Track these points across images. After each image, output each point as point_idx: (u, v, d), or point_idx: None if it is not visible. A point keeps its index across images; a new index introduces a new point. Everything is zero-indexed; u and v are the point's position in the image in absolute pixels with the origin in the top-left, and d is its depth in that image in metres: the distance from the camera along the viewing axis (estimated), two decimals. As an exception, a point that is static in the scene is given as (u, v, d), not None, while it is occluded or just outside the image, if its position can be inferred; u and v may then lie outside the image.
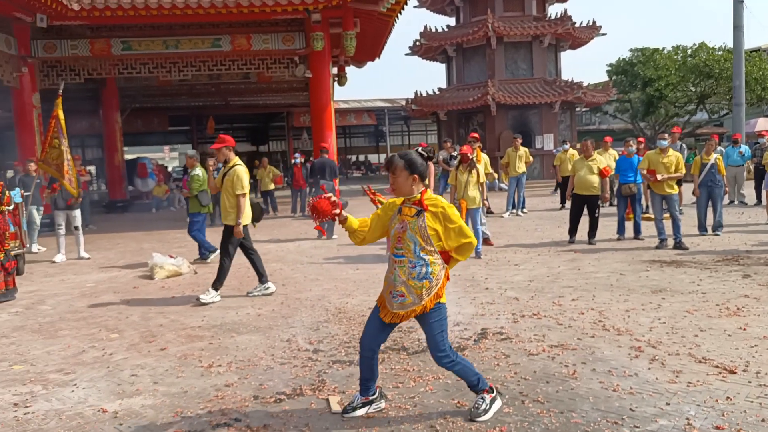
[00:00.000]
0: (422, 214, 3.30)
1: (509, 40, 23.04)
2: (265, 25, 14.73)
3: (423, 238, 3.29)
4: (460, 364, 3.43)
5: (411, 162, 3.32)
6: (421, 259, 3.29)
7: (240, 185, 6.44)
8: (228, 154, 6.54)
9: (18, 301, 6.95)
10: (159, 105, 27.42)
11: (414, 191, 3.35)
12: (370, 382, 3.52)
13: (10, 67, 13.48)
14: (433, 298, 3.32)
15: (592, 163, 9.19)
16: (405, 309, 3.35)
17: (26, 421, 3.62)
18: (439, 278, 3.32)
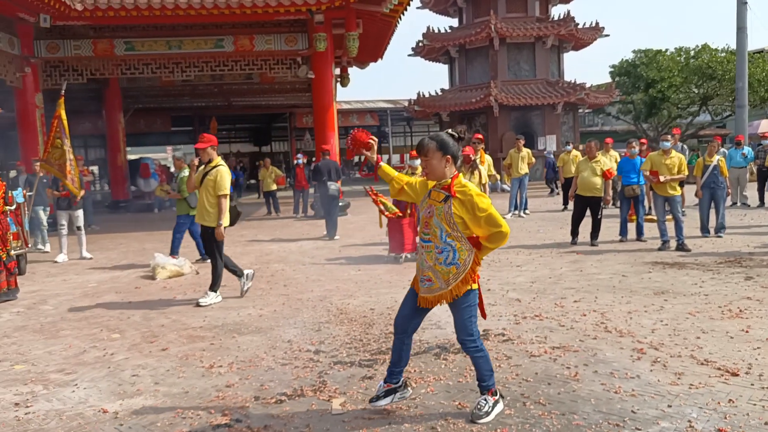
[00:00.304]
0: (449, 201, 3.26)
1: (512, 41, 23.03)
2: (268, 25, 14.74)
3: (449, 224, 3.25)
4: (483, 354, 3.42)
5: (443, 142, 3.29)
6: (448, 244, 3.26)
7: (223, 186, 6.37)
8: (212, 153, 6.47)
9: (20, 300, 6.96)
10: (162, 105, 27.46)
11: (447, 174, 3.31)
12: (397, 368, 3.50)
13: (13, 67, 13.50)
14: (460, 284, 3.29)
15: (595, 164, 9.17)
16: (432, 293, 3.35)
17: (27, 421, 3.62)
18: (466, 264, 3.27)
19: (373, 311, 5.88)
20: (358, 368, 4.30)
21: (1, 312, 6.45)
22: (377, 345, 4.82)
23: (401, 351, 3.50)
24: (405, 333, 3.50)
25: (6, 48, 13.06)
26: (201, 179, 6.46)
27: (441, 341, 4.85)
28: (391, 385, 3.50)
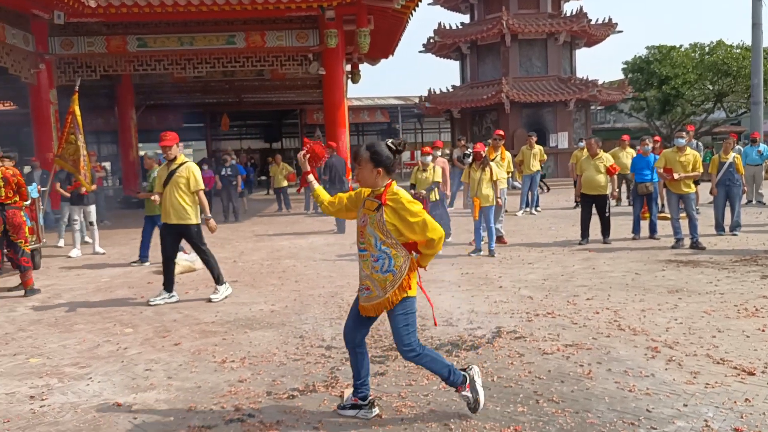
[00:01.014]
0: (381, 209, 3.24)
1: (524, 37, 22.90)
2: (279, 22, 14.75)
3: (383, 232, 3.24)
4: (427, 356, 3.35)
5: (376, 154, 3.27)
6: (383, 252, 3.25)
7: (199, 181, 6.36)
8: (177, 150, 6.41)
9: (34, 295, 7.01)
10: (173, 102, 27.55)
11: (378, 184, 3.30)
12: (357, 381, 3.48)
13: (27, 64, 13.61)
14: (397, 291, 3.26)
15: (598, 162, 9.09)
16: (370, 302, 3.34)
17: (42, 414, 3.65)
18: (402, 271, 3.26)
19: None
20: (371, 364, 4.29)
21: (17, 306, 6.51)
22: (389, 341, 4.80)
23: (357, 363, 3.48)
24: (354, 344, 3.48)
25: (21, 45, 13.16)
26: (167, 178, 6.33)
27: (452, 338, 4.83)
28: (357, 399, 3.47)
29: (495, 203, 8.65)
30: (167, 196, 6.32)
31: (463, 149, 13.95)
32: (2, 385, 4.14)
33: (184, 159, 6.46)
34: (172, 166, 6.35)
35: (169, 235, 6.44)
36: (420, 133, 39.21)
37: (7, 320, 5.92)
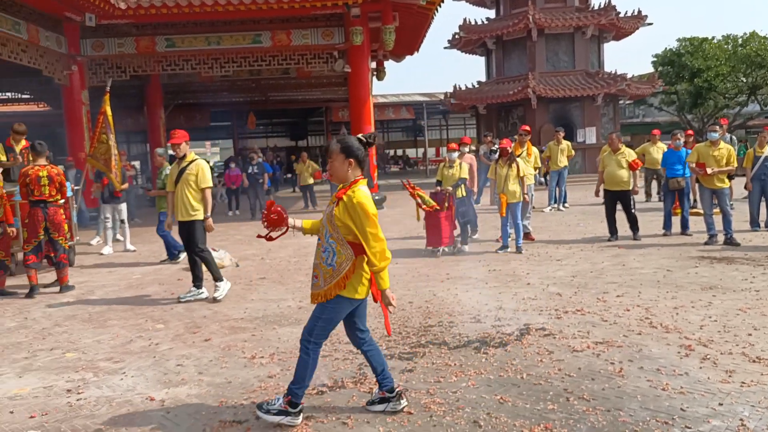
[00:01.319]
0: (336, 203, 3.27)
1: (550, 31, 22.61)
2: (305, 20, 14.81)
3: (332, 224, 3.27)
4: (305, 358, 3.32)
5: (347, 146, 3.27)
6: (329, 245, 3.28)
7: (207, 178, 6.39)
8: (186, 148, 6.44)
9: (69, 291, 7.17)
10: (201, 101, 27.90)
11: (349, 176, 3.29)
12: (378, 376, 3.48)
13: (60, 66, 13.91)
14: (333, 287, 3.26)
15: (620, 157, 8.92)
16: (315, 290, 3.38)
17: (79, 407, 3.74)
18: (342, 269, 3.24)
19: (411, 304, 5.87)
20: (398, 361, 4.31)
21: (53, 302, 6.67)
22: (416, 338, 4.81)
23: (369, 361, 3.52)
24: (358, 346, 3.55)
25: (54, 47, 13.46)
26: (178, 176, 6.38)
27: (480, 335, 4.81)
28: (384, 393, 3.47)
29: (522, 199, 8.57)
30: (178, 194, 6.37)
31: (490, 145, 13.86)
32: (40, 379, 4.25)
33: (194, 156, 6.49)
34: (182, 164, 6.39)
35: (182, 231, 6.48)
36: (445, 130, 39.09)
37: (43, 316, 6.07)
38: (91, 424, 3.47)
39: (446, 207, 8.53)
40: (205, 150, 52.22)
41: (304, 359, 3.33)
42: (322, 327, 3.34)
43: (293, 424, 3.31)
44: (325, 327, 3.35)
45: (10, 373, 4.40)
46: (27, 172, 7.00)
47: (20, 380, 4.25)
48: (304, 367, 3.33)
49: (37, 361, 4.65)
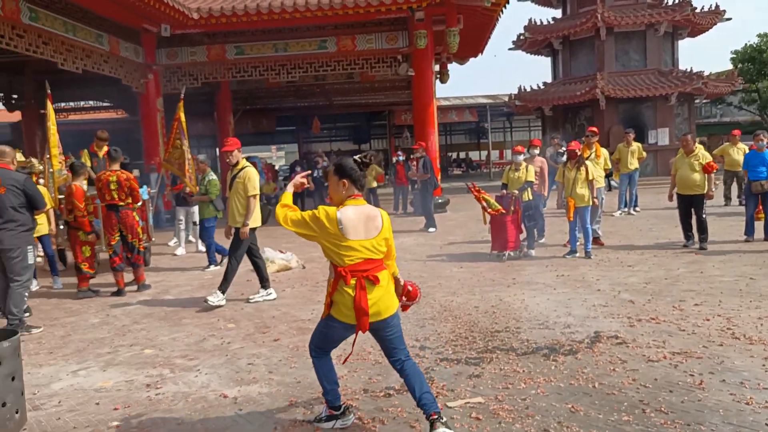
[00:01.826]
0: None
1: (620, 30, 21.89)
2: (369, 25, 14.96)
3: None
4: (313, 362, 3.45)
5: (339, 167, 3.25)
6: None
7: (252, 186, 6.41)
8: (238, 155, 6.52)
9: (146, 290, 7.51)
10: (267, 106, 28.61)
11: (343, 196, 3.25)
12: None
13: (138, 75, 14.61)
14: (326, 304, 3.29)
15: (693, 159, 8.48)
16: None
17: (158, 401, 3.91)
18: (328, 287, 3.27)
19: (478, 309, 5.81)
20: (465, 366, 4.27)
21: (131, 300, 7.01)
22: (483, 343, 4.76)
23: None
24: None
25: (132, 57, 14.15)
26: (230, 182, 6.48)
27: (549, 342, 4.71)
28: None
29: (591, 203, 8.34)
30: (230, 200, 6.48)
31: (557, 148, 13.55)
32: (122, 373, 4.47)
33: (245, 164, 6.56)
34: (234, 171, 6.50)
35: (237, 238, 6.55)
36: (509, 132, 38.50)
37: (123, 313, 6.38)
38: (170, 419, 3.62)
39: (512, 210, 8.41)
40: (271, 154, 53.53)
41: (314, 366, 3.44)
42: (318, 337, 3.39)
43: (346, 425, 3.38)
44: (319, 338, 3.38)
45: (95, 367, 4.65)
46: (100, 177, 7.37)
47: (104, 374, 4.48)
48: (317, 374, 3.42)
49: (119, 356, 4.89)
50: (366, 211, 3.21)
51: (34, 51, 10.81)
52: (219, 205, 8.81)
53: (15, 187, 5.67)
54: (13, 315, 5.64)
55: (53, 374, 4.52)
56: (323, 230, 3.14)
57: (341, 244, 3.14)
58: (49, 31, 10.97)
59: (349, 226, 3.13)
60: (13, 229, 5.65)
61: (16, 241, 5.69)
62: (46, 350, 5.15)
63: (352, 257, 3.14)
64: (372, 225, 3.20)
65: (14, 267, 5.68)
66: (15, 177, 5.78)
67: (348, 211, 3.17)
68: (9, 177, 5.69)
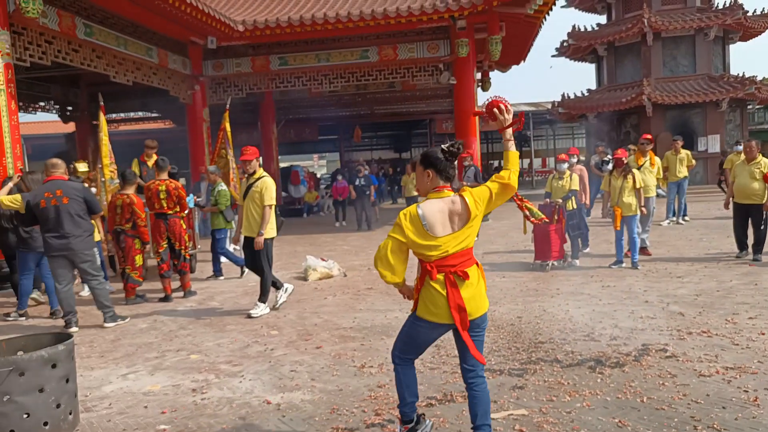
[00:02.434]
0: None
1: (668, 35, 21.36)
2: (411, 34, 15.01)
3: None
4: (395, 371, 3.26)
5: (425, 156, 3.13)
6: None
7: (270, 196, 6.38)
8: (256, 165, 6.51)
9: (192, 296, 7.68)
10: (310, 116, 28.98)
11: (428, 187, 3.11)
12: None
13: (185, 86, 15.02)
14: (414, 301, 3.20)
15: (754, 167, 8.15)
16: None
17: (203, 406, 3.98)
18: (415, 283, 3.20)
19: (521, 320, 5.74)
20: (508, 377, 4.22)
21: (178, 306, 7.18)
22: (526, 354, 4.69)
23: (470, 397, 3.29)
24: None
25: (180, 69, 14.56)
26: (246, 191, 6.47)
27: (595, 354, 4.61)
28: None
29: (638, 212, 8.14)
30: (245, 210, 6.44)
31: (602, 155, 13.29)
32: (169, 377, 4.58)
33: (262, 173, 6.57)
34: (250, 180, 6.49)
35: (248, 248, 6.53)
36: (552, 140, 38.00)
37: (170, 319, 6.54)
38: (215, 423, 3.68)
39: (556, 220, 8.28)
40: (313, 162, 54.15)
41: (395, 374, 3.27)
42: (402, 340, 3.23)
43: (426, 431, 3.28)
44: (404, 341, 3.22)
45: (143, 371, 4.77)
46: (149, 187, 7.59)
47: (152, 378, 4.60)
48: (397, 384, 3.25)
49: (166, 361, 5.01)
50: (450, 203, 3.04)
51: (89, 64, 11.24)
52: (229, 215, 8.89)
53: (77, 196, 6.06)
54: (107, 307, 6.29)
55: (104, 377, 4.67)
56: (409, 233, 3.04)
57: (426, 242, 3.01)
58: (103, 45, 11.39)
59: (433, 222, 3.00)
60: (80, 235, 6.05)
61: (86, 245, 6.15)
62: (97, 353, 5.32)
63: (439, 252, 3.01)
64: (458, 216, 3.03)
65: (89, 269, 6.19)
66: (74, 186, 6.23)
67: (429, 205, 3.04)
68: (70, 187, 6.08)
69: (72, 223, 5.97)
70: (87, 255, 6.15)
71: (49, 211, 5.91)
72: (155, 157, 9.79)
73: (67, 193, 5.98)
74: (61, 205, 5.93)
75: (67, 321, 6.11)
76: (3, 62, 8.73)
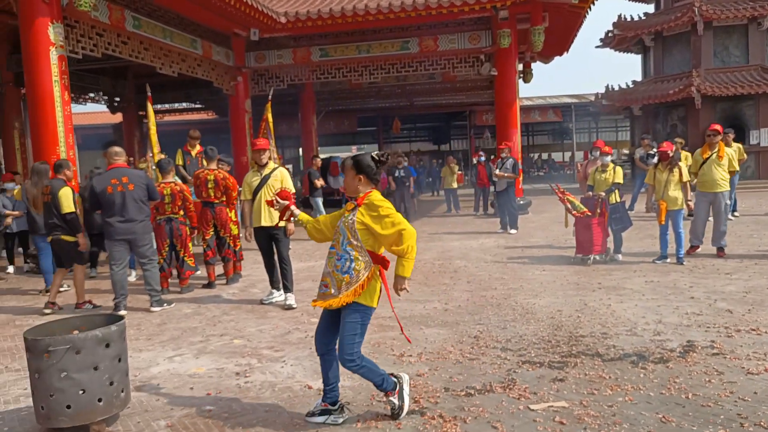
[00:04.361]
0: (356, 209, 3.39)
1: (719, 24, 20.65)
2: (452, 25, 14.89)
3: (351, 231, 3.36)
4: (365, 367, 3.43)
5: (358, 163, 3.44)
6: (347, 252, 3.36)
7: (291, 184, 6.49)
8: (268, 156, 6.53)
9: (234, 283, 7.85)
10: (349, 107, 29.10)
11: (359, 190, 3.44)
12: (327, 387, 3.53)
13: (228, 77, 15.26)
14: (351, 293, 3.32)
15: None
16: (324, 299, 3.40)
17: (246, 389, 4.09)
18: (359, 276, 3.33)
19: (561, 313, 5.68)
20: (548, 369, 4.20)
21: (221, 293, 7.35)
22: (567, 347, 4.65)
23: (324, 369, 3.54)
24: (321, 351, 3.54)
25: (223, 60, 14.80)
26: (261, 183, 6.42)
27: (637, 349, 4.54)
28: (326, 404, 3.52)
29: (684, 206, 7.95)
30: (261, 201, 6.35)
31: (647, 149, 12.99)
32: (213, 361, 4.71)
33: (274, 164, 6.60)
34: (264, 172, 6.47)
35: (262, 238, 6.52)
36: (595, 133, 37.25)
37: (214, 305, 6.71)
38: (258, 406, 3.78)
39: (598, 213, 8.14)
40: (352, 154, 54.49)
41: (366, 371, 3.44)
42: (355, 341, 3.40)
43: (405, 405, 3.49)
44: (358, 339, 3.41)
45: (189, 354, 4.92)
46: (198, 175, 7.76)
47: (197, 361, 4.74)
48: (371, 372, 3.45)
49: (210, 345, 5.15)
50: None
51: (136, 56, 11.52)
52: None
53: (141, 183, 6.35)
54: (156, 291, 6.53)
55: (152, 359, 4.83)
56: None
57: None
58: (150, 37, 11.66)
59: None
60: (142, 220, 6.36)
61: (147, 230, 6.47)
62: (145, 336, 5.51)
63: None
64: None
65: (146, 252, 6.46)
66: (138, 174, 6.57)
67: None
68: (134, 174, 6.42)
69: (136, 208, 6.26)
70: (147, 239, 6.47)
71: (115, 196, 6.18)
72: (199, 147, 10.00)
73: (132, 180, 6.28)
74: (127, 191, 6.20)
75: (117, 304, 6.33)
76: (57, 54, 9.03)
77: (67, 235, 6.59)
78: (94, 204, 6.38)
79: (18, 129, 15.40)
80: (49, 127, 9.03)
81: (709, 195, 8.27)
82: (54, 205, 6.55)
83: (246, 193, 6.57)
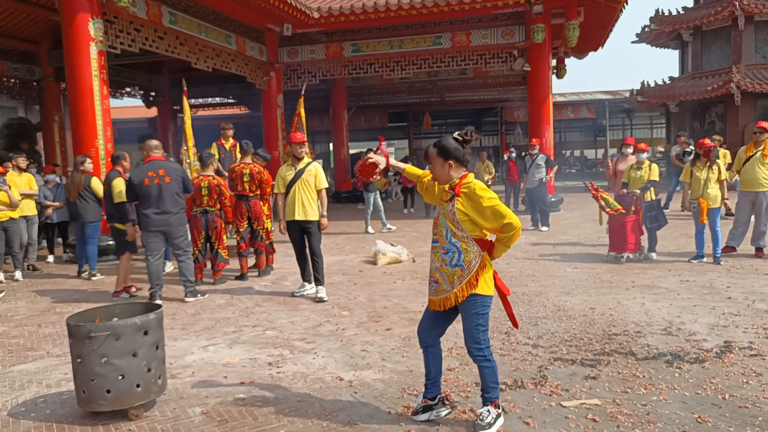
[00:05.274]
0: (454, 199, 3.21)
1: (761, 18, 20.05)
2: (485, 20, 14.79)
3: (453, 223, 3.20)
4: (491, 365, 3.28)
5: (443, 148, 3.23)
6: (453, 245, 3.20)
7: (324, 179, 6.52)
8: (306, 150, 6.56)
9: (266, 275, 7.95)
10: (380, 103, 29.12)
11: (452, 177, 3.25)
12: (428, 381, 3.46)
13: (261, 73, 15.42)
14: (465, 287, 3.19)
15: None
16: (438, 296, 3.30)
17: (279, 379, 4.15)
18: (472, 267, 3.17)
19: (594, 311, 5.62)
20: (580, 366, 4.16)
21: (253, 285, 7.45)
22: (599, 345, 4.61)
23: (428, 363, 3.47)
24: (426, 343, 3.47)
25: (257, 56, 14.96)
26: (295, 177, 6.44)
27: (672, 348, 4.47)
28: (427, 400, 3.43)
29: (722, 204, 7.77)
30: (296, 195, 6.41)
31: (684, 146, 12.73)
32: (246, 351, 4.79)
33: (309, 159, 6.65)
34: (299, 166, 6.49)
35: (295, 231, 6.56)
36: (629, 129, 36.58)
37: (246, 296, 6.81)
38: (291, 396, 3.84)
39: (633, 211, 8.01)
40: (381, 150, 54.47)
41: (489, 370, 3.27)
42: (479, 330, 3.26)
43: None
44: (483, 327, 3.27)
45: (222, 344, 5.01)
46: (234, 169, 7.87)
47: (231, 350, 4.83)
48: (492, 374, 3.28)
49: (243, 336, 5.24)
50: None
51: (172, 51, 11.72)
52: None
53: (177, 176, 6.49)
54: (190, 282, 6.64)
55: (186, 348, 4.93)
56: None
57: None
58: (186, 32, 11.85)
59: None
60: (178, 212, 6.49)
61: (182, 222, 6.58)
62: (179, 326, 5.63)
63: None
64: None
65: (180, 244, 6.57)
66: (174, 166, 6.67)
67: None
68: (171, 167, 6.53)
69: (172, 200, 6.39)
70: (182, 230, 6.60)
71: (152, 188, 6.32)
72: (232, 140, 10.13)
73: (169, 172, 6.40)
74: (163, 183, 6.34)
75: (152, 293, 6.47)
76: (97, 49, 9.25)
77: (119, 223, 6.96)
78: (129, 197, 6.55)
79: (58, 122, 15.84)
80: (88, 120, 9.27)
81: (751, 194, 8.06)
82: (107, 194, 6.99)
83: (279, 187, 6.60)
